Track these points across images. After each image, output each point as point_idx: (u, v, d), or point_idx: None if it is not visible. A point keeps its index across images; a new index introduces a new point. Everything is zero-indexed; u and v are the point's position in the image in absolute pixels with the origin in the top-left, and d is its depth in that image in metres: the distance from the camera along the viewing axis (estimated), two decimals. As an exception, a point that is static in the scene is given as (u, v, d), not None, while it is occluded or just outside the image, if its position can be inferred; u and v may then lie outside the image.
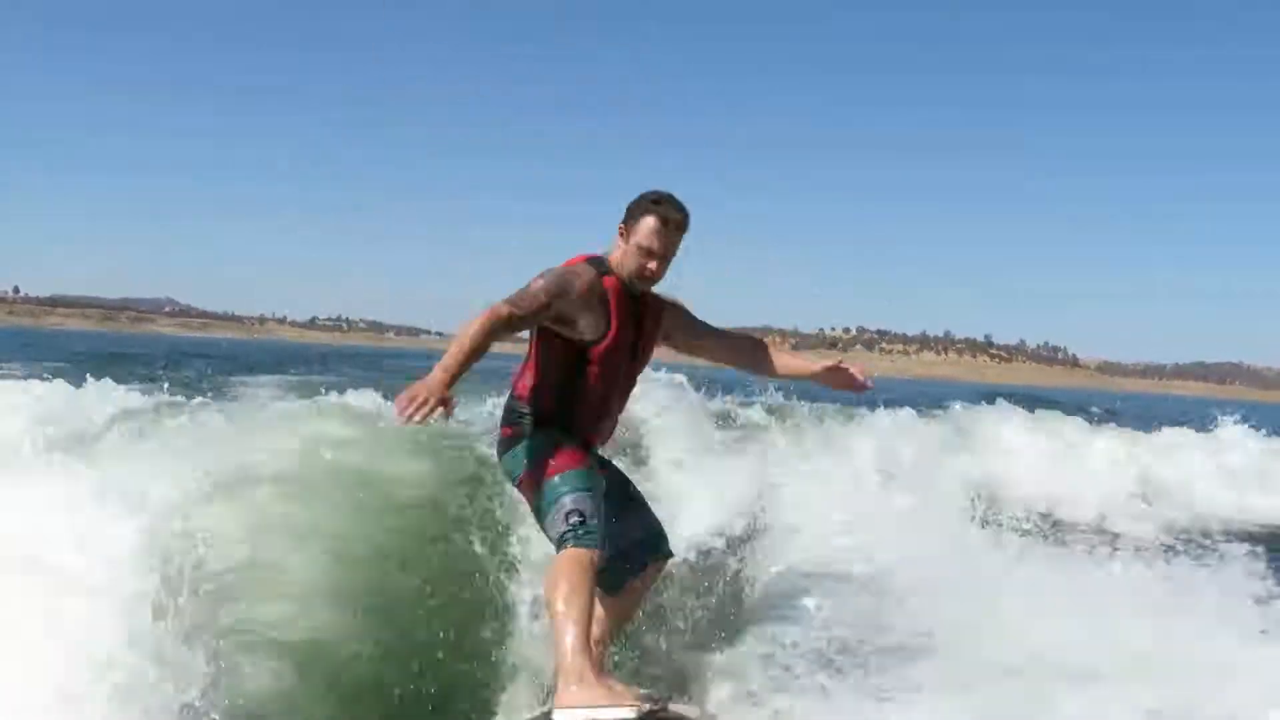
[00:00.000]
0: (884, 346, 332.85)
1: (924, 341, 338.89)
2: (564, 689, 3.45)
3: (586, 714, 3.38)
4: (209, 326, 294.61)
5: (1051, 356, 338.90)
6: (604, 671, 3.83)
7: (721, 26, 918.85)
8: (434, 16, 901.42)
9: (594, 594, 3.66)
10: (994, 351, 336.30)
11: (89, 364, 12.14)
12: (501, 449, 3.97)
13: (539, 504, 3.80)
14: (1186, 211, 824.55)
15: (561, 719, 3.42)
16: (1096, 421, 14.93)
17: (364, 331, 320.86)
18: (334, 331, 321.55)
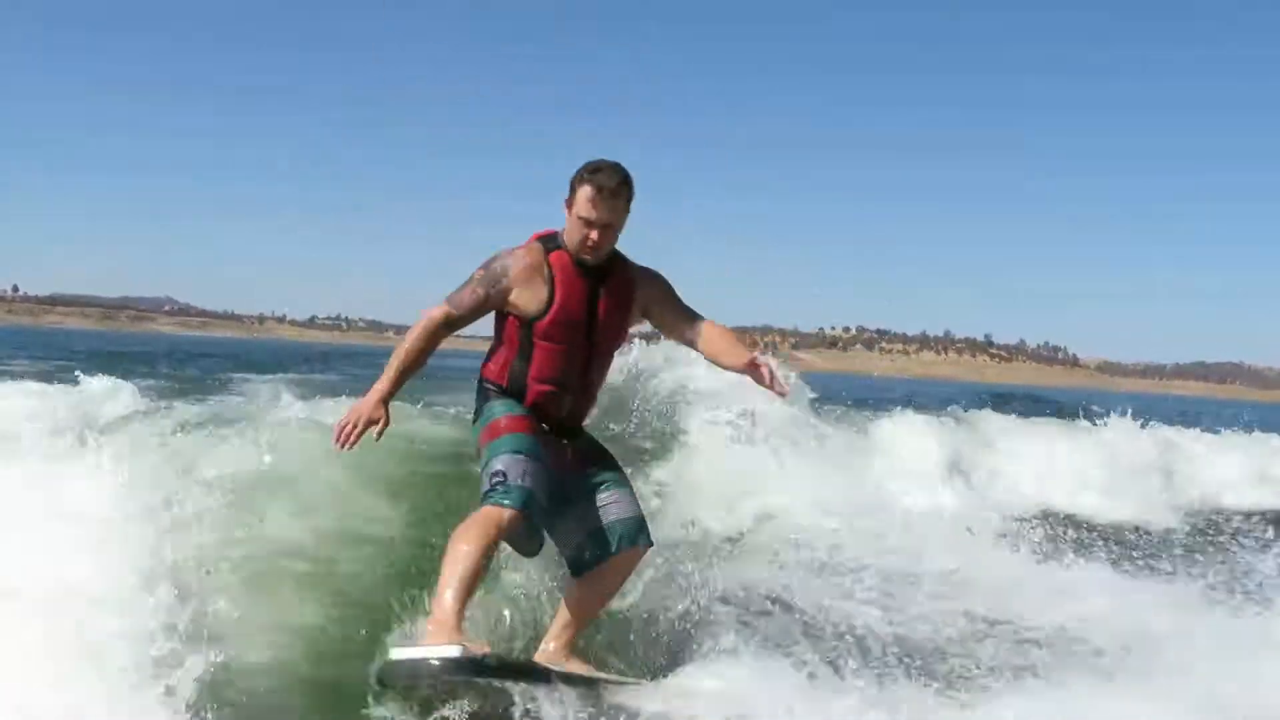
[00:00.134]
0: (884, 346, 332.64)
1: (924, 341, 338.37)
2: (426, 632, 3.57)
3: (420, 652, 3.48)
4: (209, 325, 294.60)
5: (1051, 356, 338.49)
6: (572, 653, 3.94)
7: (721, 26, 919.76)
8: (434, 16, 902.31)
9: (493, 551, 3.75)
10: (994, 351, 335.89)
11: (88, 363, 12.14)
12: (472, 424, 4.08)
13: (480, 468, 3.88)
14: (1186, 211, 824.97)
15: (396, 655, 3.54)
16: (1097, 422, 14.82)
17: (364, 331, 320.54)
18: (334, 330, 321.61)
